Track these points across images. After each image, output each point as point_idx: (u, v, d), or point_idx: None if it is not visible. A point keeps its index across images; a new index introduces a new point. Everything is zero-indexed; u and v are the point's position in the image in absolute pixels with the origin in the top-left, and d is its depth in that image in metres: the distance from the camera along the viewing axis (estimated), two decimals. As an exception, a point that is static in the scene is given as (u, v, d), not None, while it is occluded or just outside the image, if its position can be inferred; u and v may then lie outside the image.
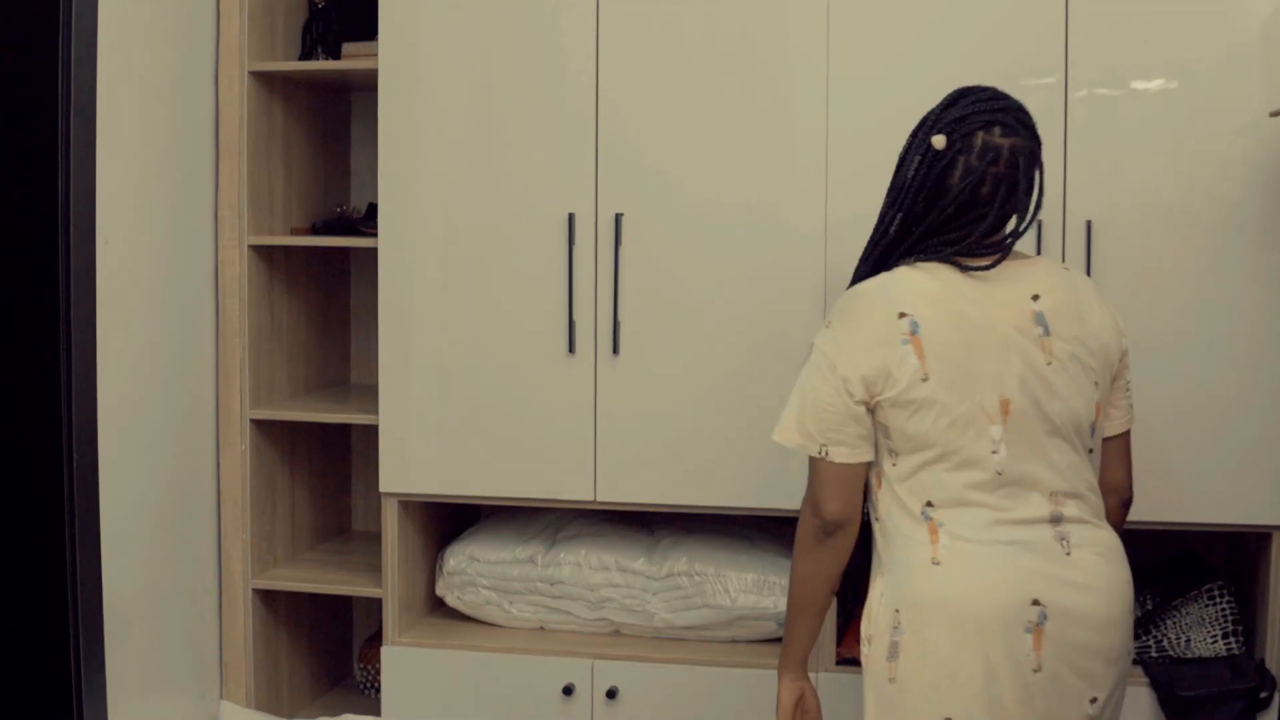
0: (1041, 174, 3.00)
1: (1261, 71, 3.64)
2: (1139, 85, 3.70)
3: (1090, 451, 3.03)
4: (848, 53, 3.87)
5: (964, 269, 2.97)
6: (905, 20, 3.84)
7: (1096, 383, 2.99)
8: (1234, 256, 3.69)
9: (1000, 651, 2.87)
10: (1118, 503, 3.16)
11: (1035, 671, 2.87)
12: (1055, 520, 2.94)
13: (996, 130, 2.94)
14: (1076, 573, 2.91)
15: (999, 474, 2.93)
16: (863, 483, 3.06)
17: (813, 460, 3.06)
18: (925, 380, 2.92)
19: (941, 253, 2.98)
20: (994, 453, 2.93)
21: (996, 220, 2.96)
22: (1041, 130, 3.09)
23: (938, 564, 2.93)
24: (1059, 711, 2.91)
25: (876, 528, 3.08)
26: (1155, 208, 3.71)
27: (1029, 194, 2.97)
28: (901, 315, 2.94)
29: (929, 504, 2.96)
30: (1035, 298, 2.97)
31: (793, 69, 3.90)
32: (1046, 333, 2.95)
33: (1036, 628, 2.86)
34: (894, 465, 2.99)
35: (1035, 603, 2.87)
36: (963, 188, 2.93)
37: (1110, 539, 3.00)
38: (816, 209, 3.89)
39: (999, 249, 2.99)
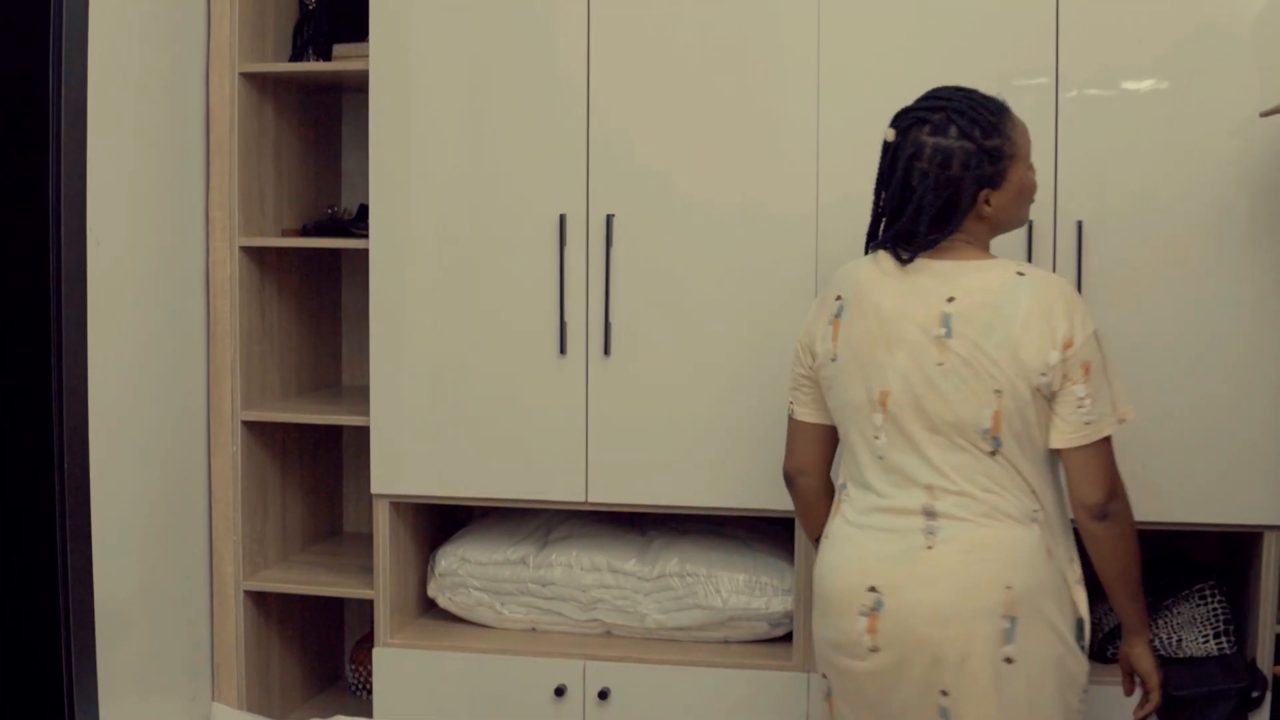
0: (969, 175, 3.07)
1: (1252, 72, 3.65)
2: (1130, 85, 3.70)
3: (992, 454, 3.03)
4: (839, 54, 3.87)
5: (899, 261, 3.12)
6: (896, 21, 3.85)
7: (999, 391, 3.00)
8: (1225, 257, 3.70)
9: (837, 628, 3.14)
10: (1085, 517, 3.09)
11: (873, 651, 3.08)
12: (928, 514, 3.06)
13: (926, 128, 3.08)
14: (927, 567, 3.04)
15: (881, 459, 3.11)
16: (820, 441, 3.37)
17: None
18: (834, 360, 3.20)
19: (886, 243, 3.15)
20: (876, 438, 3.13)
21: (931, 216, 3.08)
22: (1032, 130, 3.14)
23: (826, 538, 3.26)
24: (908, 696, 3.07)
25: None
26: (1146, 208, 3.72)
27: (937, 193, 3.07)
28: (837, 298, 3.22)
29: (844, 481, 3.22)
30: (950, 299, 3.05)
31: (784, 70, 3.90)
32: (948, 334, 3.04)
33: (872, 612, 3.06)
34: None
35: (872, 589, 3.07)
36: (895, 180, 3.11)
37: (989, 538, 3.03)
38: (808, 210, 3.89)
39: (931, 245, 3.11)
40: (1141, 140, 3.72)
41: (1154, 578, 3.97)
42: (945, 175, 3.05)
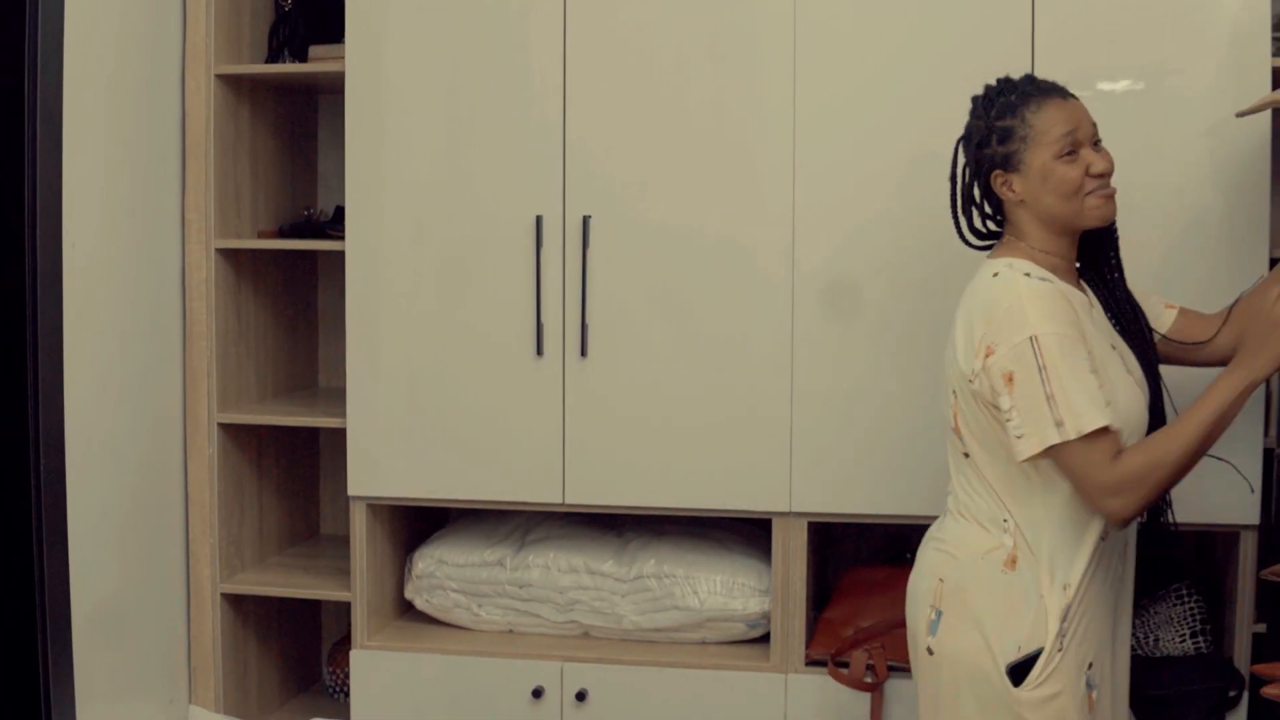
0: (955, 167, 3.15)
1: (1227, 73, 3.66)
2: (1105, 87, 3.71)
3: (965, 455, 3.01)
4: (815, 61, 3.87)
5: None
6: (872, 22, 3.85)
7: (955, 392, 2.99)
8: (1201, 258, 3.70)
9: None
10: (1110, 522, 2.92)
11: None
12: (946, 507, 3.14)
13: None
14: (920, 547, 3.19)
15: None
16: None
17: None
18: None
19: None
20: None
21: (957, 206, 3.18)
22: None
23: None
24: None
25: None
26: (1122, 209, 3.70)
27: (953, 180, 3.15)
28: None
29: None
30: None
31: (760, 75, 3.90)
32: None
33: None
34: None
35: None
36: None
37: (948, 531, 3.08)
38: (784, 211, 3.89)
39: (976, 239, 3.18)
40: (1116, 141, 3.69)
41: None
42: (964, 153, 3.09)
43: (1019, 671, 2.88)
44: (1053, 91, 3.01)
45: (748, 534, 4.38)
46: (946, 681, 3.00)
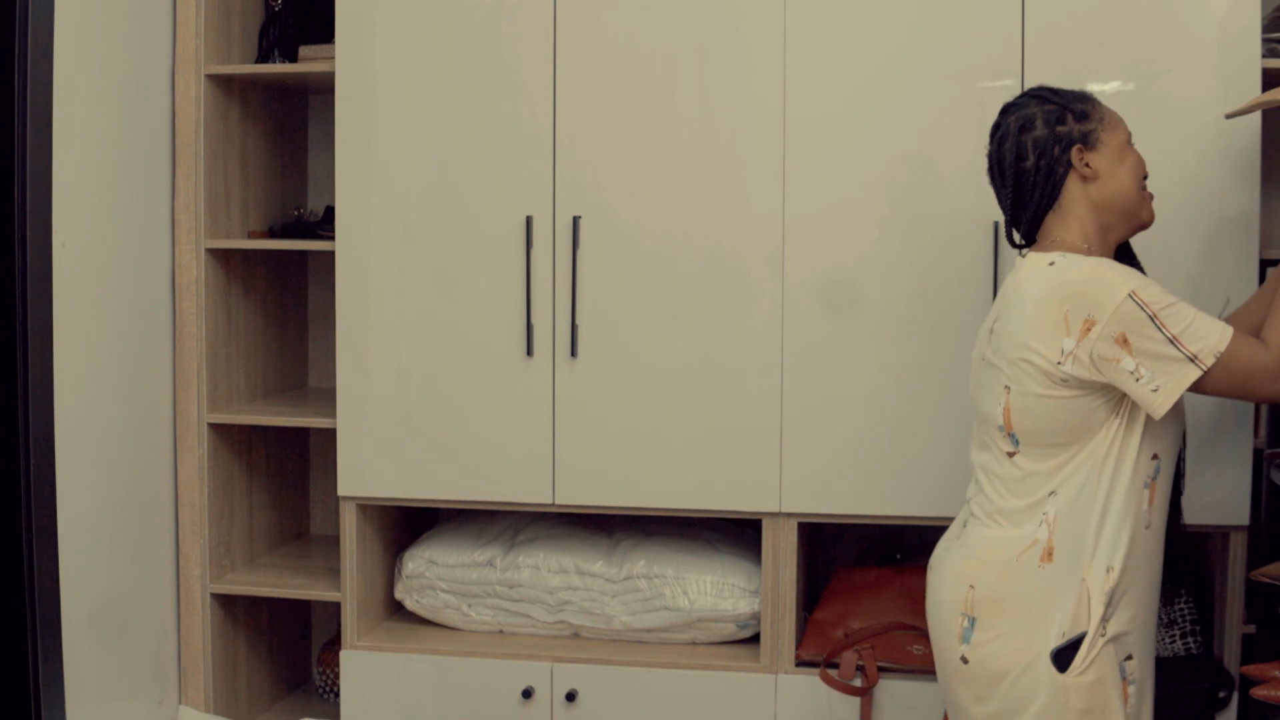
0: (994, 171, 3.12)
1: (1214, 74, 3.67)
2: (1095, 88, 3.71)
3: (1010, 455, 2.99)
4: (804, 65, 3.87)
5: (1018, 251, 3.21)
6: (861, 16, 3.85)
7: (1008, 386, 2.96)
8: (1190, 258, 3.71)
9: None
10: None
11: None
12: (969, 510, 3.11)
13: (1011, 115, 3.13)
14: (937, 555, 3.18)
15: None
16: None
17: None
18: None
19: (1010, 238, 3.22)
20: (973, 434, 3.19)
21: (1010, 197, 3.11)
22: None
23: None
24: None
25: None
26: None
27: (1018, 163, 3.08)
28: None
29: None
30: (1004, 293, 3.06)
31: (749, 78, 3.91)
32: (991, 329, 3.06)
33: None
34: None
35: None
36: (992, 171, 3.17)
37: (974, 537, 3.05)
38: (773, 211, 3.89)
39: (1028, 230, 3.15)
40: (1106, 142, 3.73)
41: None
42: (1029, 139, 3.05)
43: (1063, 658, 2.89)
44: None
45: (738, 535, 4.38)
46: (984, 683, 2.98)
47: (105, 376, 4.00)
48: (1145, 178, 3.06)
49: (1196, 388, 2.83)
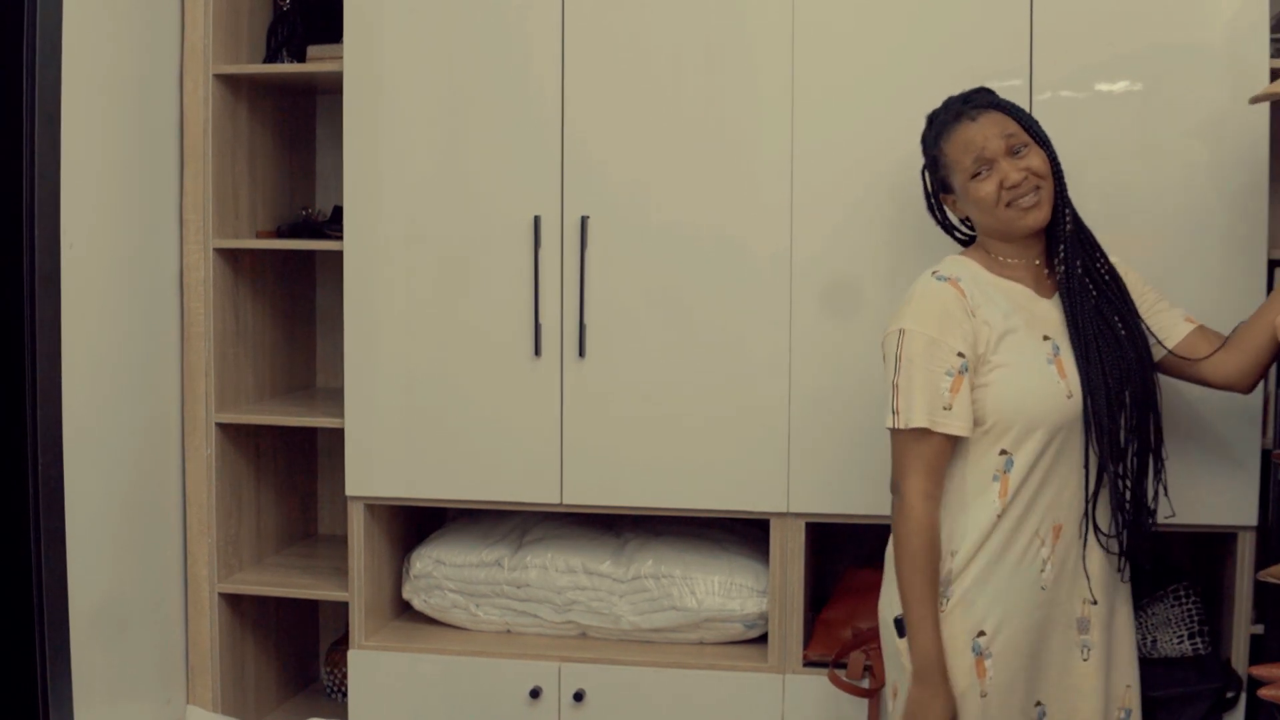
0: (932, 180, 3.36)
1: (1223, 73, 3.66)
2: (1103, 87, 3.71)
3: None
4: (812, 60, 3.87)
5: None
6: (871, 21, 3.85)
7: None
8: (1200, 257, 3.70)
9: None
10: None
11: None
12: None
13: None
14: None
15: None
16: None
17: None
18: None
19: None
20: None
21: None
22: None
23: None
24: None
25: None
26: (1119, 209, 3.72)
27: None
28: None
29: None
30: None
31: (757, 74, 3.90)
32: None
33: None
34: None
35: None
36: None
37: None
38: (781, 211, 3.89)
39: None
40: (1114, 141, 3.72)
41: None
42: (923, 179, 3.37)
43: (900, 625, 3.17)
44: (961, 114, 3.21)
45: (745, 534, 4.38)
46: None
47: (113, 376, 4.00)
48: (1014, 185, 3.14)
49: (891, 435, 3.17)
